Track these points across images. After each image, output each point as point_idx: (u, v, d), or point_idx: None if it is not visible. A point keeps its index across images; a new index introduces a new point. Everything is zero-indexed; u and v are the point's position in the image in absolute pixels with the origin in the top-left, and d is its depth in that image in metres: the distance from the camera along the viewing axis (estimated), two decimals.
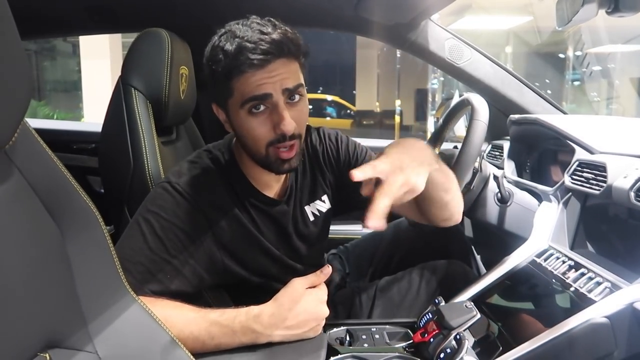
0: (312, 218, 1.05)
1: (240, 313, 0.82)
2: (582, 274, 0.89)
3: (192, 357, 0.66)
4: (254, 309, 0.82)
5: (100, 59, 7.22)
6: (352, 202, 1.03)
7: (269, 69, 0.83)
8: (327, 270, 0.86)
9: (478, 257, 1.58)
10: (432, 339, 0.84)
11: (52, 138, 0.70)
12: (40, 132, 0.57)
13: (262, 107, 0.84)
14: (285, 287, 0.84)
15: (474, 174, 1.20)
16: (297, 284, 0.84)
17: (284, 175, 0.99)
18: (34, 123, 0.68)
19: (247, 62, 0.81)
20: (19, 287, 0.50)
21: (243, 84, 0.83)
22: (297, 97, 0.87)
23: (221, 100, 0.89)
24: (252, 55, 0.81)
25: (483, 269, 1.46)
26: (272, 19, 0.87)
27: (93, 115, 7.10)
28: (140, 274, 0.84)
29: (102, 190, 1.16)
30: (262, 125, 0.85)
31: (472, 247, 1.51)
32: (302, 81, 0.88)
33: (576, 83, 8.32)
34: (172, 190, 0.89)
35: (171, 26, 1.20)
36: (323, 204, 1.08)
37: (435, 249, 1.31)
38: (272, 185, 0.99)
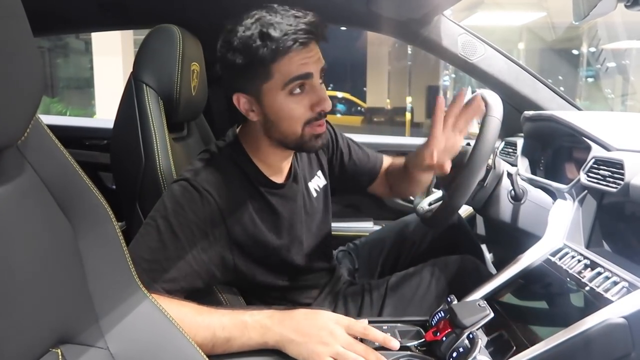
0: (314, 194, 1.11)
1: (254, 310, 0.83)
2: (599, 273, 0.88)
3: (202, 353, 0.66)
4: (268, 310, 0.83)
5: (112, 55, 7.28)
6: (342, 180, 1.23)
7: (309, 48, 0.87)
8: (387, 341, 0.80)
9: (488, 256, 1.57)
10: (444, 338, 0.83)
11: (65, 134, 0.71)
12: (53, 128, 0.57)
13: (301, 88, 0.89)
14: (311, 312, 0.83)
15: (487, 171, 1.18)
16: (326, 315, 0.81)
17: (291, 158, 1.04)
18: (47, 119, 0.69)
19: (292, 43, 0.84)
20: (31, 283, 0.50)
21: (286, 65, 0.86)
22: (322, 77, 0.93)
23: (252, 87, 0.90)
24: (295, 36, 0.84)
25: (492, 268, 1.45)
26: (287, 7, 0.89)
27: (105, 112, 7.16)
28: (155, 272, 0.84)
29: (114, 187, 1.16)
30: (300, 105, 0.90)
31: (481, 246, 1.49)
32: None
33: (590, 79, 8.21)
34: (190, 188, 0.89)
35: (182, 22, 1.20)
36: (320, 180, 1.15)
37: (443, 246, 1.30)
38: (282, 169, 1.03)
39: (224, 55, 0.89)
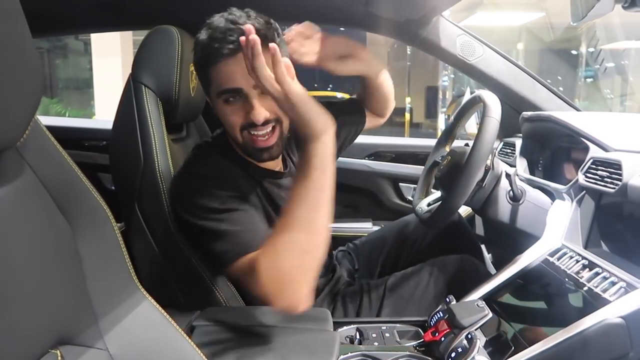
0: None
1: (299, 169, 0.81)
2: (597, 274, 0.88)
3: (200, 352, 0.66)
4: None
5: (111, 56, 7.27)
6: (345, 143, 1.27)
7: (238, 59, 0.85)
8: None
9: (488, 256, 1.57)
10: (443, 338, 0.84)
11: (64, 135, 0.71)
12: (52, 129, 0.57)
13: (234, 98, 0.91)
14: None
15: (486, 172, 1.19)
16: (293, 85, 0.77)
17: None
18: (46, 120, 0.69)
19: (217, 53, 0.86)
20: (30, 284, 0.50)
21: (217, 75, 0.89)
22: None
23: (206, 89, 0.96)
24: (219, 45, 0.85)
25: (492, 268, 1.45)
26: (250, 11, 0.90)
27: (104, 113, 7.15)
28: (243, 242, 0.86)
29: (113, 188, 1.16)
30: (234, 113, 0.92)
31: (481, 246, 1.49)
32: None
33: (589, 80, 8.21)
34: (203, 177, 0.92)
35: (181, 23, 1.20)
36: None
37: (443, 247, 1.31)
38: (274, 162, 1.04)
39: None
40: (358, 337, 0.94)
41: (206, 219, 0.89)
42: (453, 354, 0.80)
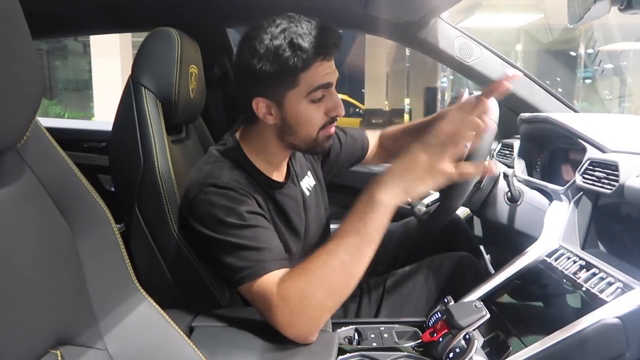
0: (307, 193, 1.12)
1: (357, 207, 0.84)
2: (594, 274, 0.88)
3: (199, 352, 0.67)
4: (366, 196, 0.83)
5: (110, 58, 7.27)
6: (339, 167, 1.30)
7: (331, 59, 0.93)
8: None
9: (487, 257, 1.57)
10: (441, 339, 0.84)
11: (63, 137, 0.71)
12: (52, 130, 0.58)
13: (321, 96, 0.94)
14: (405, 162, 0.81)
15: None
16: (417, 149, 0.79)
17: (287, 160, 1.08)
18: (46, 122, 0.69)
19: (320, 54, 0.89)
20: (30, 284, 0.51)
21: (312, 75, 0.91)
22: None
23: (277, 93, 0.92)
24: (323, 48, 0.90)
25: (491, 268, 1.45)
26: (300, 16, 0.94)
27: (104, 114, 7.15)
28: (264, 261, 0.86)
29: (113, 189, 1.16)
30: (319, 112, 0.95)
31: (481, 246, 1.50)
32: None
33: (588, 81, 8.23)
34: (224, 190, 0.90)
35: (181, 25, 1.20)
36: (310, 179, 1.18)
37: (443, 247, 1.31)
38: (282, 169, 1.07)
39: (247, 62, 0.90)
40: (356, 337, 0.94)
41: (226, 233, 0.88)
42: (451, 355, 0.80)
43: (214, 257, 0.90)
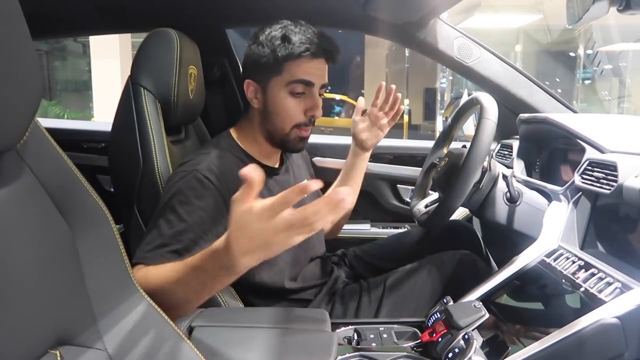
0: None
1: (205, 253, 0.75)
2: (593, 274, 0.88)
3: (198, 352, 0.67)
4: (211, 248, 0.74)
5: (110, 58, 7.26)
6: None
7: (318, 62, 1.02)
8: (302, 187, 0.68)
9: (491, 256, 1.57)
10: (440, 339, 0.84)
11: (63, 137, 0.71)
12: (51, 131, 0.58)
13: (301, 92, 1.02)
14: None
15: (483, 173, 1.19)
16: (237, 207, 0.65)
17: (279, 151, 1.15)
18: (45, 122, 0.69)
19: (304, 50, 0.99)
20: (30, 284, 0.51)
21: (295, 67, 1.00)
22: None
23: (263, 77, 1.03)
24: (308, 46, 0.99)
25: (495, 266, 1.45)
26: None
27: (103, 115, 7.15)
28: (160, 246, 0.89)
29: (112, 189, 1.17)
30: (296, 107, 1.03)
31: (485, 246, 1.50)
32: None
33: (587, 82, 8.24)
34: (190, 176, 0.94)
35: (180, 26, 1.21)
36: (304, 173, 1.26)
37: (446, 247, 1.31)
38: (272, 159, 1.14)
39: (249, 46, 1.05)
40: (356, 337, 0.94)
41: (165, 214, 0.92)
42: (450, 355, 0.81)
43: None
